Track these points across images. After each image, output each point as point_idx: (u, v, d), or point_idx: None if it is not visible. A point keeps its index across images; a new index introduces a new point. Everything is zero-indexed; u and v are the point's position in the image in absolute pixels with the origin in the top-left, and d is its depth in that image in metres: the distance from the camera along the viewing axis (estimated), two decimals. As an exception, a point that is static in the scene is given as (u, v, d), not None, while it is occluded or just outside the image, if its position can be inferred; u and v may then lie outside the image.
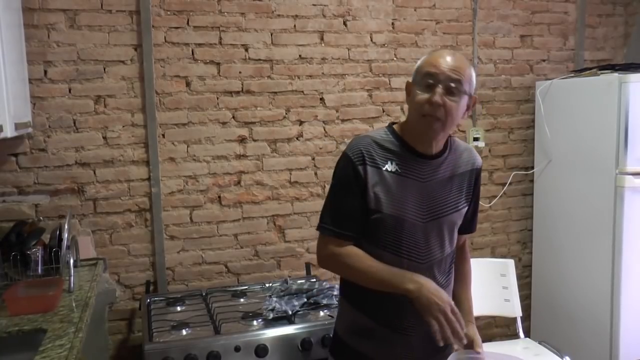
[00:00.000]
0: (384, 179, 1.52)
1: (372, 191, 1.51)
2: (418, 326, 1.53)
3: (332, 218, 1.56)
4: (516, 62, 3.12)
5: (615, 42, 3.31)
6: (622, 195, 2.59)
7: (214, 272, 2.69)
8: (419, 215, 1.54)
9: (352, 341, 1.62)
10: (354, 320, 1.61)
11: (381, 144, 1.55)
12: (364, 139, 1.57)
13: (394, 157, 1.54)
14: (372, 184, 1.51)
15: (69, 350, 1.52)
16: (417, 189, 1.54)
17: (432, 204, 1.55)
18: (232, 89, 2.64)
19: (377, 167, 1.52)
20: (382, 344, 1.56)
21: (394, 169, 1.53)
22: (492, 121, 3.11)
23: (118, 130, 2.50)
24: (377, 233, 1.53)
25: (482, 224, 3.14)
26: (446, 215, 1.58)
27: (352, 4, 2.77)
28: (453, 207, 1.60)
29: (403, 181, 1.53)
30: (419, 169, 1.55)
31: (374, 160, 1.52)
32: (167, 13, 2.51)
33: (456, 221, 1.62)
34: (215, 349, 2.02)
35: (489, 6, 3.03)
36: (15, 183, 2.39)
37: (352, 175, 1.52)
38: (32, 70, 2.35)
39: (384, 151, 1.54)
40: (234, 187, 2.68)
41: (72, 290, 2.01)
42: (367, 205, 1.52)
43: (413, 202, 1.53)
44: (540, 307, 3.18)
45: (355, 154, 1.53)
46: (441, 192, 1.57)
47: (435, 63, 1.48)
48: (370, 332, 1.57)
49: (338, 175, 1.58)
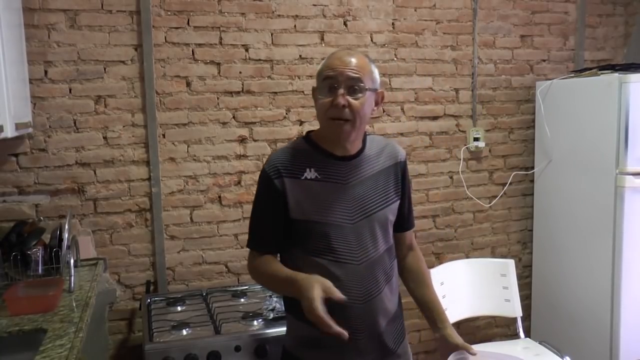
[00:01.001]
0: (304, 188, 1.53)
1: (294, 201, 1.52)
2: (364, 329, 1.54)
3: (252, 234, 1.62)
4: (516, 62, 3.12)
5: (616, 42, 3.31)
6: (622, 195, 2.59)
7: (214, 272, 2.69)
8: (346, 217, 1.54)
9: (301, 354, 1.61)
10: (299, 332, 1.60)
11: (298, 154, 1.57)
12: (280, 152, 1.60)
13: (312, 164, 1.55)
14: (292, 194, 1.52)
15: (69, 350, 1.52)
16: (340, 192, 1.55)
17: (359, 204, 1.56)
18: (232, 89, 2.64)
19: (295, 177, 1.53)
20: (331, 352, 1.54)
21: (314, 176, 1.54)
22: (492, 121, 3.11)
23: (118, 130, 2.50)
24: (308, 241, 1.54)
25: (482, 224, 3.15)
26: (376, 212, 1.59)
27: (353, 4, 2.77)
28: (382, 203, 1.60)
29: (324, 186, 1.54)
30: (339, 172, 1.56)
31: (291, 171, 1.54)
32: (168, 13, 2.52)
33: (388, 216, 1.63)
34: (216, 348, 2.02)
35: (489, 6, 3.03)
36: (16, 183, 2.39)
37: (269, 191, 1.55)
38: (32, 70, 2.35)
39: (301, 160, 1.56)
40: (234, 187, 2.68)
41: (73, 290, 2.01)
42: (290, 216, 1.53)
43: (338, 205, 1.54)
44: (540, 307, 3.18)
45: (271, 168, 1.55)
46: (367, 190, 1.58)
47: (333, 65, 1.49)
48: (317, 341, 1.54)
49: (256, 193, 1.62)
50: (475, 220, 3.14)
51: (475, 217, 3.14)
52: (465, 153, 3.07)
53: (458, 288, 2.80)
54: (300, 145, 1.60)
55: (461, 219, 3.10)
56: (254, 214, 1.63)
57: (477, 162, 3.11)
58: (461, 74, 3.01)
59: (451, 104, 3.01)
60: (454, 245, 3.10)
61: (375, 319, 1.57)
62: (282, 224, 1.55)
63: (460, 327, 3.06)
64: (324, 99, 1.50)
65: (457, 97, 3.02)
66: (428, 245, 3.04)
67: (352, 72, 1.47)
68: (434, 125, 2.99)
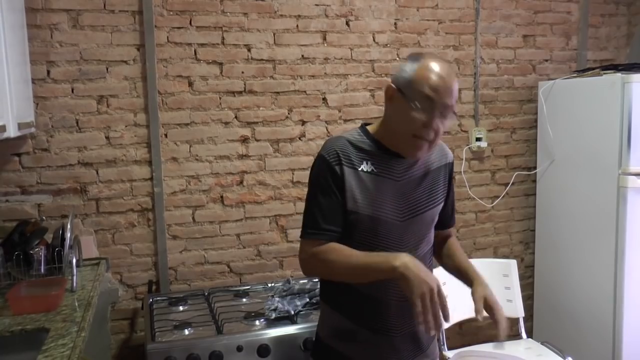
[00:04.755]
0: (360, 179, 1.52)
1: (349, 191, 1.51)
2: (400, 326, 1.54)
3: (312, 221, 1.53)
4: (519, 62, 3.12)
5: (618, 42, 3.30)
6: (624, 195, 2.59)
7: (216, 272, 2.69)
8: (396, 214, 1.54)
9: (335, 344, 1.60)
10: (335, 323, 1.60)
11: (355, 145, 1.55)
12: (338, 139, 1.57)
13: (369, 157, 1.54)
14: (349, 184, 1.50)
15: (71, 349, 1.53)
16: (393, 188, 1.54)
17: (409, 202, 1.56)
18: (234, 89, 2.64)
19: (353, 168, 1.52)
20: (365, 346, 1.55)
21: (370, 169, 1.53)
22: (494, 121, 3.11)
23: (120, 130, 2.50)
24: (352, 232, 1.53)
25: (484, 224, 3.14)
26: (424, 212, 1.59)
27: (355, 4, 2.77)
28: (431, 204, 1.61)
29: (379, 181, 1.53)
30: (393, 168, 1.55)
31: (350, 160, 1.52)
32: (170, 13, 2.52)
33: (434, 217, 1.63)
34: (218, 348, 2.02)
35: (491, 6, 3.02)
36: (18, 183, 2.40)
37: (329, 176, 1.51)
38: (35, 70, 2.35)
39: (359, 152, 1.54)
40: (236, 187, 2.68)
41: (75, 290, 2.01)
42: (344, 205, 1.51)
43: (390, 201, 1.54)
44: (542, 307, 3.17)
45: (331, 154, 1.52)
46: (417, 189, 1.58)
47: (438, 88, 1.44)
48: (353, 334, 1.55)
49: (315, 177, 1.56)
50: (477, 221, 3.13)
51: (478, 217, 3.13)
52: (468, 153, 3.06)
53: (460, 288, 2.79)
54: (357, 137, 1.57)
55: (463, 219, 3.10)
56: (314, 200, 1.54)
57: (479, 162, 3.10)
58: (463, 73, 3.01)
59: (453, 104, 3.01)
60: (456, 245, 3.10)
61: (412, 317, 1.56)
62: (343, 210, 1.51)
63: (462, 327, 3.06)
64: (418, 116, 1.45)
65: (459, 97, 3.02)
66: (430, 245, 3.04)
67: (451, 100, 1.46)
68: (436, 125, 2.99)
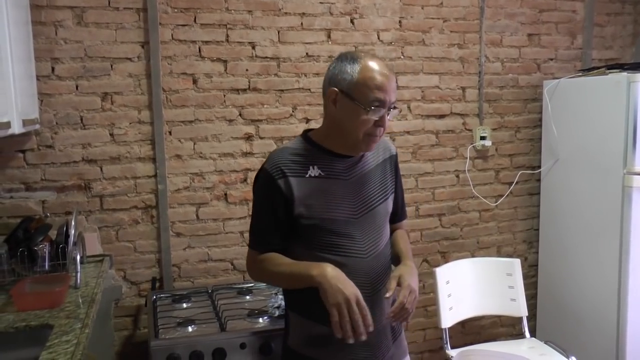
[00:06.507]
0: (309, 185, 1.54)
1: (300, 199, 1.53)
2: None
3: (255, 234, 1.63)
4: (523, 60, 3.11)
5: (624, 41, 3.29)
6: (629, 195, 2.58)
7: (219, 269, 2.70)
8: (351, 212, 1.57)
9: (308, 352, 1.60)
10: (306, 330, 1.61)
11: (299, 153, 1.58)
12: (281, 152, 1.60)
13: (314, 162, 1.57)
14: (298, 193, 1.53)
15: (75, 345, 1.53)
16: (344, 188, 1.58)
17: (361, 198, 1.60)
18: (238, 86, 2.64)
19: (300, 176, 1.54)
20: (340, 348, 1.54)
21: (317, 173, 1.56)
22: (498, 120, 3.10)
23: (125, 127, 2.51)
24: (313, 237, 1.56)
25: (488, 223, 3.14)
26: (377, 205, 1.63)
27: (359, 2, 2.77)
28: (382, 197, 1.65)
29: (329, 183, 1.56)
30: (340, 168, 1.59)
31: (295, 170, 1.55)
32: (174, 10, 2.52)
33: (388, 210, 1.68)
34: (221, 345, 2.02)
35: (496, 4, 3.01)
36: (23, 179, 2.40)
37: (271, 191, 1.54)
38: (39, 67, 2.35)
39: (303, 159, 1.57)
40: (240, 184, 2.68)
41: (79, 287, 2.02)
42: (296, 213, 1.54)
43: (343, 200, 1.57)
44: (546, 306, 3.17)
45: (274, 169, 1.55)
46: (367, 185, 1.62)
47: (383, 87, 1.49)
48: (326, 338, 1.54)
49: (256, 193, 1.62)
50: (481, 219, 3.13)
51: (481, 216, 3.13)
52: (472, 152, 3.06)
53: (463, 287, 2.80)
54: (299, 144, 1.62)
55: (467, 218, 3.09)
56: (256, 214, 1.63)
57: (483, 160, 3.10)
58: (468, 72, 3.00)
59: (458, 103, 3.01)
60: (459, 244, 3.10)
61: (382, 312, 1.58)
62: (286, 222, 1.56)
63: (465, 326, 3.06)
64: (370, 117, 1.50)
65: (463, 95, 3.01)
66: (434, 244, 3.04)
67: (394, 95, 1.52)
68: (440, 123, 2.99)
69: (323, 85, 1.60)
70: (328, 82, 1.56)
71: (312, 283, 1.43)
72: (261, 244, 1.61)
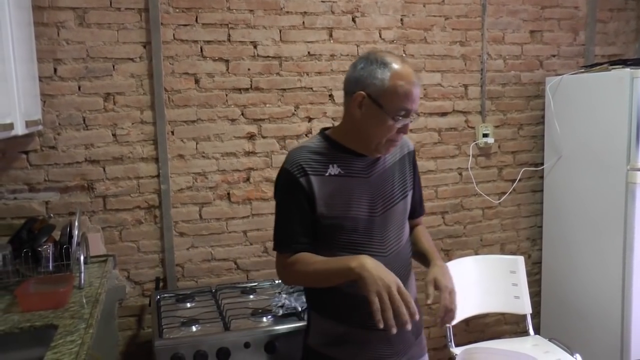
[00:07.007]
0: (330, 184, 1.54)
1: (321, 198, 1.53)
2: None
3: (282, 236, 1.59)
4: (526, 57, 3.10)
5: (627, 37, 3.28)
6: (633, 191, 2.57)
7: (223, 269, 2.70)
8: (372, 210, 1.57)
9: (329, 351, 1.60)
10: (326, 329, 1.60)
11: (318, 152, 1.57)
12: (301, 150, 1.59)
13: (334, 161, 1.56)
14: (319, 191, 1.52)
15: (79, 346, 1.53)
16: (364, 186, 1.57)
17: (382, 196, 1.59)
18: (240, 86, 2.64)
19: (320, 175, 1.54)
20: (360, 346, 1.55)
21: (337, 172, 1.55)
22: (501, 117, 3.10)
23: (127, 128, 2.51)
24: (334, 236, 1.55)
25: (491, 221, 3.13)
26: (397, 202, 1.62)
27: (361, 0, 2.76)
28: (402, 194, 1.65)
29: (349, 181, 1.56)
30: (360, 167, 1.58)
31: (316, 168, 1.54)
32: (176, 10, 2.52)
33: (407, 206, 1.67)
34: (225, 345, 2.03)
35: (498, 2, 3.01)
36: (26, 180, 2.41)
37: (295, 190, 1.53)
38: (42, 68, 2.36)
39: (323, 157, 1.56)
40: (243, 183, 2.68)
41: (83, 287, 2.02)
42: (317, 213, 1.53)
43: (363, 199, 1.56)
44: (550, 304, 3.16)
45: (295, 167, 1.54)
46: (387, 182, 1.62)
47: (411, 97, 1.49)
48: (346, 337, 1.55)
49: (279, 193, 1.60)
50: (484, 217, 3.12)
51: (485, 213, 3.12)
52: (474, 149, 3.05)
53: (467, 285, 2.79)
54: (318, 143, 1.61)
55: (470, 216, 3.09)
56: (282, 215, 1.59)
57: (486, 158, 3.09)
58: (470, 69, 3.00)
59: (460, 100, 3.00)
60: (463, 242, 3.09)
61: None
62: (312, 220, 1.54)
63: (469, 324, 3.06)
64: (395, 125, 1.50)
65: (466, 93, 3.01)
66: (437, 242, 3.03)
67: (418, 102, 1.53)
68: (442, 121, 2.98)
69: (346, 84, 1.56)
70: (355, 84, 1.52)
71: (351, 276, 1.39)
72: (290, 245, 1.56)
